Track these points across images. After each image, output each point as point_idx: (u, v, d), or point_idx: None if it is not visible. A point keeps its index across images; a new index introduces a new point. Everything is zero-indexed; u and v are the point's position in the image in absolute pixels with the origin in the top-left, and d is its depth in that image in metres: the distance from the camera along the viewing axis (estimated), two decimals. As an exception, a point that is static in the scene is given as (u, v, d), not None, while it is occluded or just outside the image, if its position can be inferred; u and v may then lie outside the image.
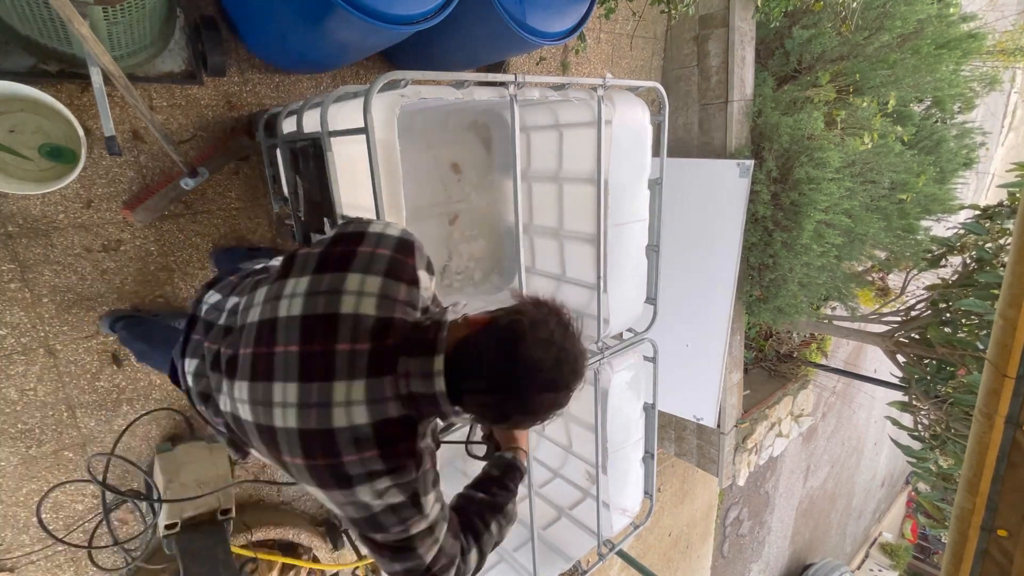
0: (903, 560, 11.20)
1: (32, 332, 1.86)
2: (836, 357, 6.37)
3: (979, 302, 2.98)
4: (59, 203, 1.84)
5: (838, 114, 3.37)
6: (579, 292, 2.24)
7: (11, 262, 1.79)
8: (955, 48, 3.57)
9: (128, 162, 1.93)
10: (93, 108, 1.81)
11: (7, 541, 1.92)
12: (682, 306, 3.52)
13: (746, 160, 3.15)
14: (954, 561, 1.29)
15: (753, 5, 3.29)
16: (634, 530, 2.26)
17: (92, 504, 2.06)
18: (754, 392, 4.71)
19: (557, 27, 1.99)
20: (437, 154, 2.31)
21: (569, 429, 2.50)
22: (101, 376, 2.00)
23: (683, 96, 3.64)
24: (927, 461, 3.44)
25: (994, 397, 1.16)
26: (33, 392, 1.89)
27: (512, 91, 1.51)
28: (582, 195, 2.10)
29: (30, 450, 1.91)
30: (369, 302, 0.85)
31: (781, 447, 4.91)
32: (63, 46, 1.55)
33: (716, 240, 3.31)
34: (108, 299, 1.97)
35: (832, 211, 3.21)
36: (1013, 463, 1.16)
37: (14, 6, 1.38)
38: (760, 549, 7.30)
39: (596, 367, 1.94)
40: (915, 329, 3.61)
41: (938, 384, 3.33)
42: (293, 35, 1.84)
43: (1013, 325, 1.11)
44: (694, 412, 3.72)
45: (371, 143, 1.27)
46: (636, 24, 3.45)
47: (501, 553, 2.18)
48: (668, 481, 5.03)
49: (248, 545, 2.18)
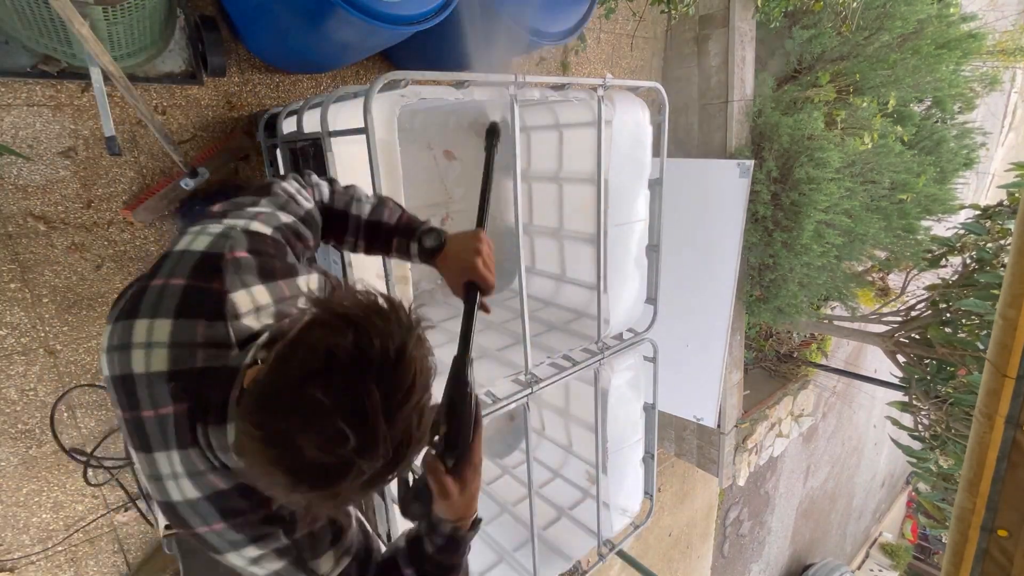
0: (903, 560, 11.19)
1: (32, 332, 1.86)
2: (836, 357, 6.37)
3: (979, 302, 2.98)
4: (59, 203, 1.84)
5: (838, 114, 3.37)
6: (579, 292, 2.24)
7: (11, 262, 1.79)
8: (955, 48, 3.58)
9: (128, 162, 1.93)
10: (93, 108, 1.81)
11: (7, 541, 1.92)
12: (682, 306, 3.52)
13: (746, 160, 3.15)
14: (954, 561, 1.29)
15: (753, 5, 3.29)
16: (634, 530, 2.26)
17: (92, 504, 2.06)
18: (754, 392, 4.70)
19: (557, 27, 1.99)
20: (437, 154, 2.31)
21: (569, 429, 2.50)
22: (101, 376, 2.00)
23: (683, 96, 3.64)
24: (927, 461, 3.43)
25: (994, 397, 1.16)
26: (33, 392, 1.89)
27: (512, 91, 1.51)
28: (582, 195, 2.10)
29: (30, 450, 1.91)
30: (159, 355, 0.69)
31: (781, 447, 4.92)
32: (63, 46, 1.55)
33: (716, 240, 3.31)
34: (108, 299, 1.97)
35: (832, 211, 3.21)
36: (1013, 463, 1.16)
37: (14, 6, 1.38)
38: (760, 549, 7.30)
39: (596, 367, 1.94)
40: (915, 329, 3.61)
41: (938, 384, 3.33)
42: (293, 35, 1.84)
43: (1013, 325, 1.11)
44: (694, 412, 3.72)
45: (371, 143, 1.28)
46: (636, 24, 3.45)
47: (501, 553, 2.18)
48: (668, 481, 5.03)
49: (248, 545, 2.18)
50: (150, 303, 0.71)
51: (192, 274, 0.73)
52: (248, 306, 0.74)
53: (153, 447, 0.70)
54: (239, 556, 0.75)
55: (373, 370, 0.56)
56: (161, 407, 0.69)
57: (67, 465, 1.99)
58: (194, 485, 0.71)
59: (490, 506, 2.43)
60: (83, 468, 1.95)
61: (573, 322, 2.17)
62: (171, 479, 0.71)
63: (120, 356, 0.70)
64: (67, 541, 2.03)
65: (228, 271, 0.73)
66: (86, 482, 1.97)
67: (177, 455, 0.70)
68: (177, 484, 0.71)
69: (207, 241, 0.75)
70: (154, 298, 0.71)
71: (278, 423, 0.56)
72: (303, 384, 0.56)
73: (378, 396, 0.55)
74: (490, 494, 2.49)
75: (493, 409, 1.64)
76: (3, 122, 1.70)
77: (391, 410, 0.56)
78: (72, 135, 1.81)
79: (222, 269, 0.73)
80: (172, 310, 0.71)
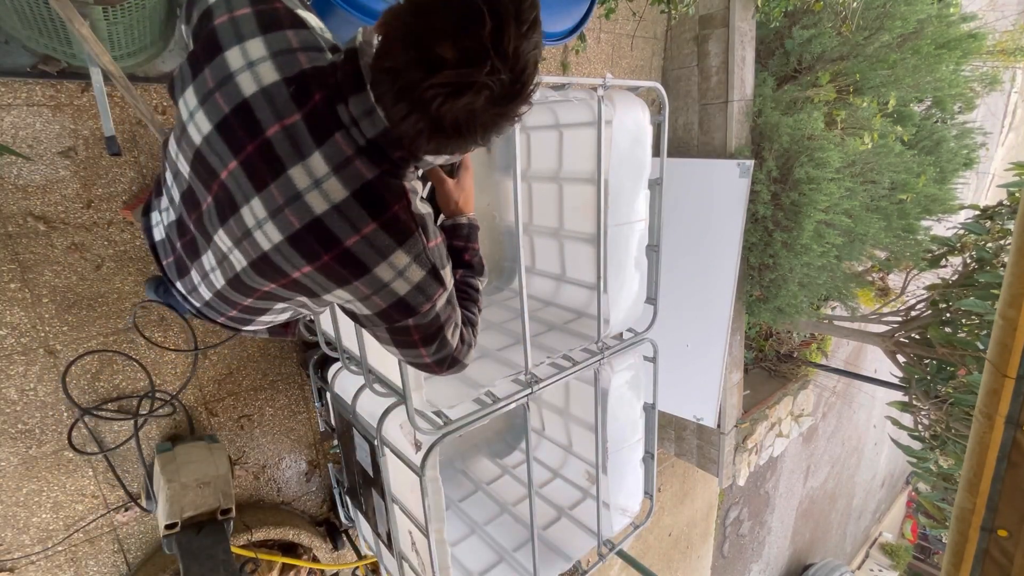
0: (903, 560, 11.19)
1: (32, 332, 1.86)
2: (836, 357, 6.37)
3: (979, 302, 2.98)
4: (59, 203, 1.84)
5: (838, 114, 3.38)
6: (579, 292, 2.24)
7: (11, 262, 1.79)
8: (955, 48, 3.58)
9: (128, 162, 1.93)
10: (93, 108, 1.81)
11: (7, 541, 1.92)
12: (682, 306, 3.52)
13: (746, 160, 3.15)
14: (954, 561, 1.29)
15: (753, 5, 3.29)
16: (634, 530, 2.26)
17: (92, 504, 2.06)
18: (754, 392, 4.71)
19: (557, 27, 1.99)
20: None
21: (569, 429, 2.50)
22: (101, 376, 2.00)
23: (683, 96, 3.64)
24: (927, 461, 3.43)
25: (994, 397, 1.16)
26: (33, 392, 1.89)
27: (512, 91, 1.51)
28: (582, 195, 2.10)
29: (30, 450, 1.91)
30: (266, 68, 0.70)
31: (781, 447, 4.91)
32: (63, 46, 1.55)
33: (716, 240, 3.31)
34: (108, 299, 1.97)
35: (832, 211, 3.21)
36: (1013, 463, 1.16)
37: (14, 6, 1.38)
38: (760, 549, 7.30)
39: (596, 367, 1.94)
40: (915, 329, 3.61)
41: (938, 384, 3.33)
42: (293, 35, 1.84)
43: (1013, 325, 1.11)
44: (694, 412, 3.72)
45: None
46: (636, 24, 3.45)
47: (501, 553, 2.18)
48: (668, 481, 5.03)
49: (248, 545, 2.18)
50: (229, 34, 0.71)
51: (251, 2, 0.73)
52: (314, 21, 0.76)
53: (287, 163, 0.71)
54: (387, 265, 0.77)
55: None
56: (286, 117, 0.70)
57: (67, 465, 1.99)
58: (341, 181, 0.72)
59: (490, 506, 2.43)
60: (71, 426, 1.95)
61: (573, 322, 2.17)
62: (313, 188, 0.71)
63: (224, 91, 0.70)
64: (67, 541, 2.03)
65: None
66: (69, 443, 1.96)
67: (318, 154, 0.70)
68: (320, 192, 0.72)
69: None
70: (230, 29, 0.71)
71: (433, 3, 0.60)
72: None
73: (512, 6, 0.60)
74: (490, 494, 2.49)
75: (493, 409, 1.64)
76: (3, 122, 1.70)
77: (521, 28, 0.61)
78: (72, 135, 1.81)
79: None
80: (255, 29, 0.71)
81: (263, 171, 0.72)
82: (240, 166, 0.72)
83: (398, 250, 0.77)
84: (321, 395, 2.38)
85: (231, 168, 0.73)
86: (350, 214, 0.73)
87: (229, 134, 0.71)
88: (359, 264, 0.77)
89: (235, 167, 0.73)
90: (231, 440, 2.34)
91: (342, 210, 0.73)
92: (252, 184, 0.73)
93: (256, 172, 0.72)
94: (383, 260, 0.77)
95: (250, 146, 0.71)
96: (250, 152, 0.71)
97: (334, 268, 0.77)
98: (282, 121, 0.70)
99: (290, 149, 0.70)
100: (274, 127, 0.70)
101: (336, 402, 2.16)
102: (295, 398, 2.49)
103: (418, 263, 0.79)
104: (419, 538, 1.72)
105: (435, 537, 1.60)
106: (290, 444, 2.51)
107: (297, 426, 2.52)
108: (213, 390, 2.26)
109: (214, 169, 0.75)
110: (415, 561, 1.84)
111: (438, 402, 1.60)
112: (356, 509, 2.28)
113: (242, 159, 0.72)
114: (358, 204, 0.73)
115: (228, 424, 2.32)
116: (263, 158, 0.71)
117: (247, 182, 0.73)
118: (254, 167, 0.72)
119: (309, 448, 2.58)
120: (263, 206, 0.73)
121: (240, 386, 2.32)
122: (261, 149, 0.71)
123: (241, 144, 0.71)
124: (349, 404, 1.95)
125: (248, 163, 0.72)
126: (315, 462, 2.61)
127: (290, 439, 2.51)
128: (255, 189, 0.73)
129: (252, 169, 0.72)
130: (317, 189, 0.72)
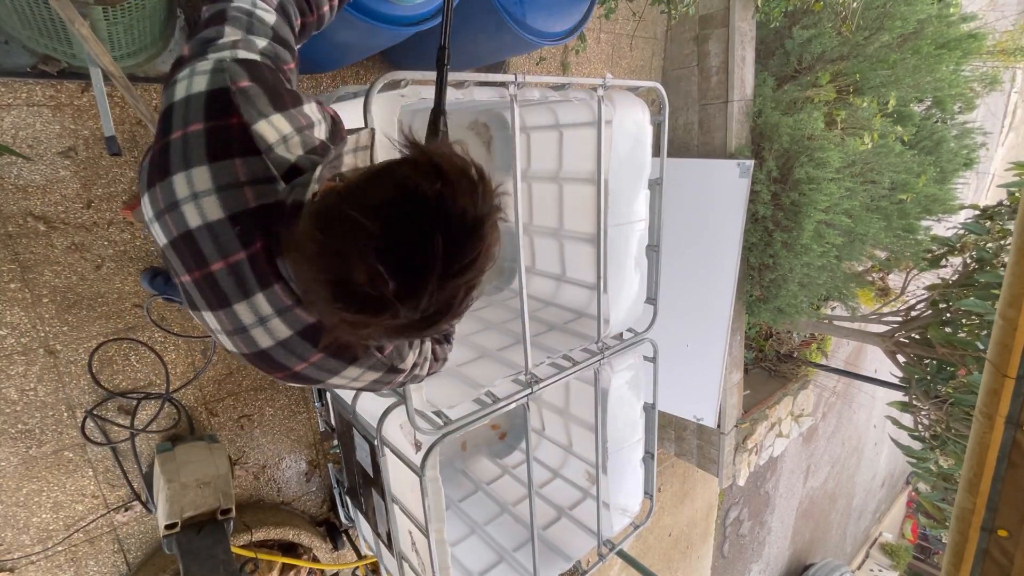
0: (903, 560, 11.19)
1: (32, 332, 1.86)
2: (836, 357, 6.37)
3: (979, 302, 2.98)
4: (59, 203, 1.84)
5: (838, 114, 3.37)
6: (579, 292, 2.24)
7: (11, 262, 1.79)
8: (955, 48, 3.57)
9: (128, 162, 1.93)
10: (93, 108, 1.82)
11: (7, 541, 1.92)
12: (682, 306, 3.52)
13: (746, 160, 3.15)
14: (954, 561, 1.29)
15: (753, 5, 3.29)
16: (634, 530, 2.26)
17: (92, 504, 2.06)
18: (754, 392, 4.70)
19: (557, 27, 1.99)
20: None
21: (569, 429, 2.50)
22: (101, 376, 2.00)
23: (683, 96, 3.64)
24: (927, 461, 3.44)
25: (994, 397, 1.16)
26: (33, 392, 1.89)
27: (512, 91, 1.51)
28: (582, 195, 2.10)
29: (30, 450, 1.91)
30: (210, 203, 0.66)
31: (781, 447, 4.91)
32: (63, 46, 1.55)
33: (716, 240, 3.31)
34: (108, 299, 1.97)
35: (832, 211, 3.21)
36: (1013, 463, 1.16)
37: (14, 6, 1.38)
38: (760, 549, 7.30)
39: (596, 367, 1.94)
40: (915, 329, 3.61)
41: (938, 384, 3.33)
42: (293, 35, 1.84)
43: (1013, 325, 1.11)
44: (694, 412, 3.72)
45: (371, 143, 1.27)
46: (636, 24, 3.45)
47: (501, 553, 2.18)
48: (668, 481, 5.03)
49: (248, 545, 2.18)
50: (178, 156, 0.67)
51: (207, 115, 0.68)
52: (274, 136, 0.70)
53: (231, 299, 0.69)
54: (340, 378, 0.79)
55: (446, 225, 0.53)
56: (231, 255, 0.67)
57: (67, 465, 1.99)
58: (284, 323, 0.71)
59: (490, 506, 2.43)
60: (83, 418, 1.97)
61: (573, 322, 2.17)
62: (258, 326, 0.71)
63: (172, 216, 0.68)
64: (67, 541, 2.03)
65: (241, 103, 0.68)
66: (82, 433, 1.98)
67: (261, 296, 0.69)
68: (265, 329, 0.71)
69: (205, 80, 0.70)
70: (180, 150, 0.67)
71: (339, 239, 0.54)
72: (377, 210, 0.53)
73: (441, 251, 0.53)
74: (490, 494, 2.49)
75: (493, 409, 1.64)
76: (3, 122, 1.70)
77: (447, 272, 0.54)
78: (72, 135, 1.81)
79: (233, 102, 0.68)
80: (204, 156, 0.67)
81: (211, 297, 0.71)
82: (193, 283, 0.72)
83: (349, 367, 0.78)
84: (321, 395, 2.38)
85: (185, 280, 0.73)
86: (296, 349, 0.73)
87: (180, 255, 0.70)
88: (314, 380, 0.79)
89: (188, 281, 0.72)
90: (231, 440, 2.34)
91: (287, 346, 0.73)
92: (206, 302, 0.72)
93: (206, 295, 0.72)
94: (335, 375, 0.79)
95: (197, 273, 0.70)
96: (198, 278, 0.70)
97: (294, 380, 0.79)
98: (227, 259, 0.68)
99: (235, 287, 0.69)
100: (219, 263, 0.68)
101: (336, 402, 2.16)
102: (295, 398, 2.49)
103: (373, 369, 0.81)
104: (419, 538, 1.72)
105: (435, 537, 1.60)
106: (290, 444, 2.52)
107: (297, 426, 2.52)
108: (213, 390, 2.26)
109: (175, 269, 0.74)
110: (415, 561, 1.84)
111: (438, 402, 1.60)
112: (356, 509, 2.28)
113: (194, 279, 0.71)
114: (304, 340, 0.73)
115: (228, 424, 2.32)
116: (211, 288, 0.70)
117: (201, 299, 0.73)
118: (203, 291, 0.71)
119: (309, 448, 2.58)
120: (218, 324, 0.74)
121: (240, 386, 2.33)
122: (207, 280, 0.70)
123: (189, 268, 0.71)
124: (349, 404, 1.95)
125: (198, 285, 0.71)
126: (315, 462, 2.61)
127: (290, 439, 2.51)
128: (208, 308, 0.73)
129: (202, 291, 0.72)
130: (262, 327, 0.71)
